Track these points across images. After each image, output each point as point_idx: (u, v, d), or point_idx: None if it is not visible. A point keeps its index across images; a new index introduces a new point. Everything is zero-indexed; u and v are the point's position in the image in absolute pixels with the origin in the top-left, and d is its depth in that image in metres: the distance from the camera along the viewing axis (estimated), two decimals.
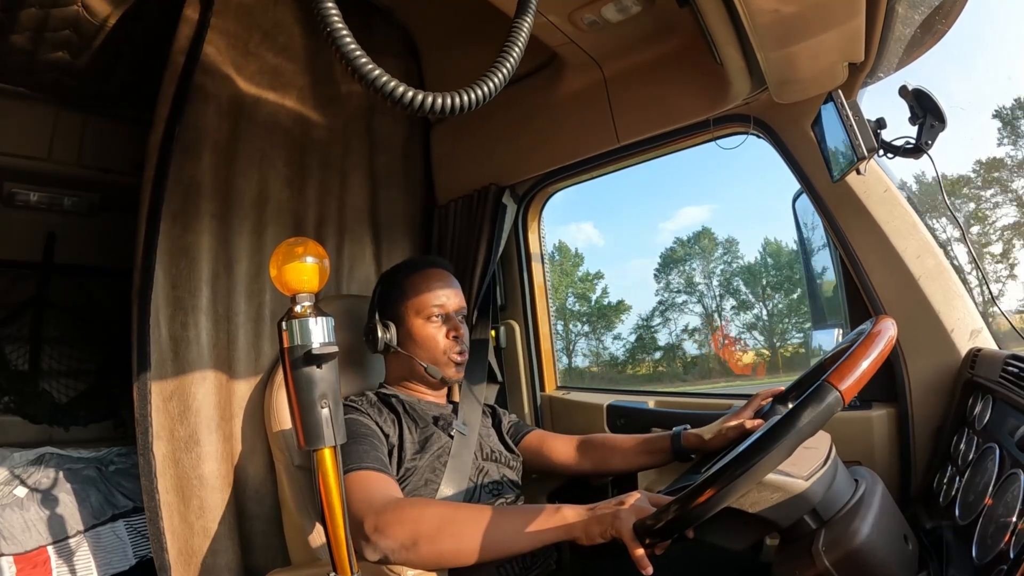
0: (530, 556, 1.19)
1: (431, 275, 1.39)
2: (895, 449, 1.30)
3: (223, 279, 1.48)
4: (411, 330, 1.35)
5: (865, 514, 0.82)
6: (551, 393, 1.97)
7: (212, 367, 1.41)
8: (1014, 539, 0.72)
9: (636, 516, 0.87)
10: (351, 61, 0.60)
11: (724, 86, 1.37)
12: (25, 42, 1.65)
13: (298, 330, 0.71)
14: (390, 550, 0.94)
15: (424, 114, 0.64)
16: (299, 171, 1.70)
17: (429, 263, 1.43)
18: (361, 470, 1.06)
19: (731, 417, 1.24)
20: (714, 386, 25.47)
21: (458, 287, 1.42)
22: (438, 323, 1.35)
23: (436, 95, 0.63)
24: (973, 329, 1.26)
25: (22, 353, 2.65)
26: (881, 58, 1.21)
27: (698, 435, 1.27)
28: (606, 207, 58.04)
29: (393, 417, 1.25)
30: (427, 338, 1.34)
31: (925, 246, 1.29)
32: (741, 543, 0.90)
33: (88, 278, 2.82)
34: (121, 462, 2.10)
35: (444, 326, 1.36)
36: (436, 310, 1.35)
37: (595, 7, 1.34)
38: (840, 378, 0.75)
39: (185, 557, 1.32)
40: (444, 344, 1.35)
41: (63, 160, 2.28)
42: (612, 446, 1.40)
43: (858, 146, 1.08)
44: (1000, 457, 0.90)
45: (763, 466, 0.74)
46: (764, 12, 1.00)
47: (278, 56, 1.62)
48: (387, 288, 1.41)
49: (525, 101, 1.78)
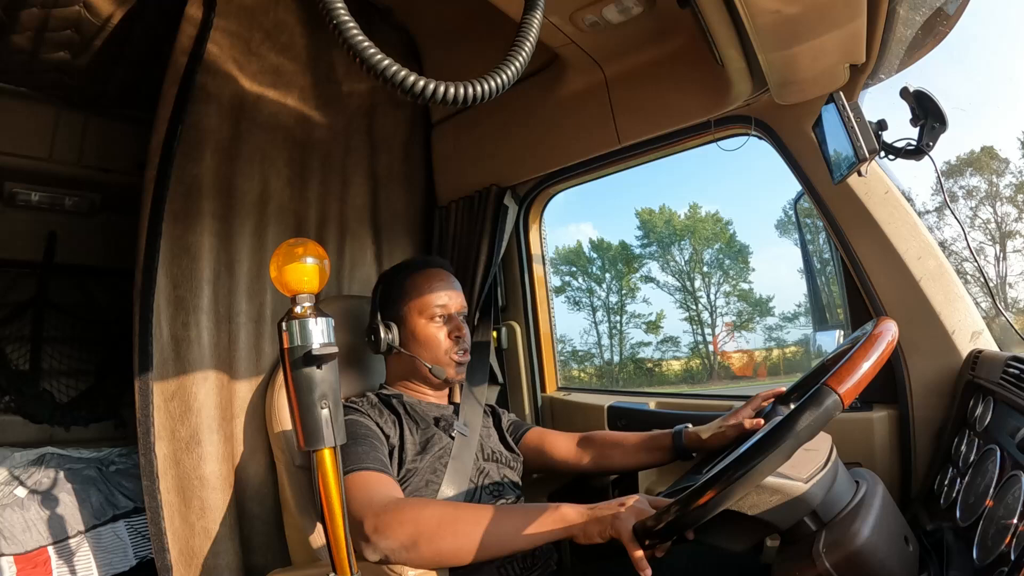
0: (530, 557, 1.19)
1: (433, 275, 1.39)
2: (896, 450, 1.30)
3: (224, 279, 1.48)
4: (414, 330, 1.35)
5: (866, 516, 0.82)
6: (552, 394, 1.97)
7: (213, 367, 1.41)
8: (1015, 541, 0.72)
9: (636, 518, 0.87)
10: (359, 52, 0.59)
11: (725, 87, 1.37)
12: (26, 42, 1.65)
13: (298, 331, 0.71)
14: (390, 550, 0.94)
15: (433, 104, 0.63)
16: (300, 171, 1.70)
17: (430, 263, 1.43)
18: (361, 471, 1.06)
19: (730, 416, 1.24)
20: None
21: (459, 288, 1.42)
22: (440, 323, 1.35)
23: (446, 84, 0.62)
24: (974, 331, 1.26)
25: (23, 353, 2.65)
26: (882, 59, 1.21)
27: (698, 433, 1.28)
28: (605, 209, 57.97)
29: (394, 418, 1.25)
30: (429, 338, 1.34)
31: (926, 248, 1.29)
32: (741, 545, 0.90)
33: (89, 278, 2.83)
34: (122, 462, 2.10)
35: (446, 326, 1.36)
36: (439, 310, 1.35)
37: (596, 8, 1.34)
38: (839, 381, 0.75)
39: (186, 557, 1.32)
40: (446, 344, 1.35)
41: (64, 160, 2.28)
42: (613, 442, 1.40)
43: (859, 148, 1.08)
44: (1001, 459, 0.89)
45: (761, 469, 0.74)
46: (765, 13, 1.00)
47: (279, 56, 1.62)
48: (388, 288, 1.41)
49: (526, 102, 1.78)
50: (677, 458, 1.31)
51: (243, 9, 1.51)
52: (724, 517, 0.79)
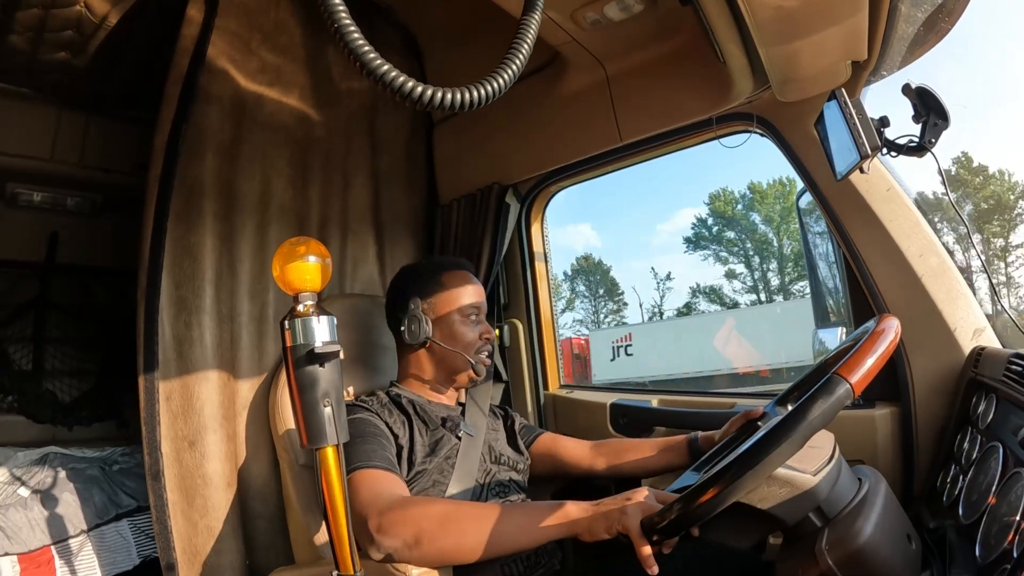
0: (534, 556, 1.19)
1: (467, 276, 1.39)
2: (898, 448, 1.30)
3: (226, 279, 1.48)
4: (450, 326, 1.34)
5: (868, 513, 0.82)
6: (554, 392, 1.97)
7: (216, 367, 1.41)
8: (1017, 538, 0.72)
9: (643, 513, 0.86)
10: (359, 56, 0.59)
11: (727, 84, 1.37)
12: (27, 43, 1.65)
13: (300, 329, 0.71)
14: (393, 549, 0.94)
15: (432, 110, 0.63)
16: (302, 171, 1.70)
17: (461, 264, 1.43)
18: (367, 468, 1.06)
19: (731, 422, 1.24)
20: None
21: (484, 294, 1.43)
22: (473, 322, 1.36)
23: (444, 90, 0.63)
24: (976, 328, 1.26)
25: (25, 353, 2.66)
26: (884, 56, 1.21)
27: (711, 437, 1.27)
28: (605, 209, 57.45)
29: (403, 419, 1.24)
30: (463, 335, 1.34)
31: (928, 245, 1.29)
32: (746, 542, 0.90)
33: (91, 278, 2.83)
34: (125, 461, 2.10)
35: (479, 327, 1.37)
36: (473, 311, 1.36)
37: (597, 6, 1.34)
38: (850, 371, 0.76)
39: (189, 556, 1.32)
40: (477, 344, 1.35)
41: (66, 160, 2.28)
42: (629, 446, 1.40)
43: (861, 144, 1.07)
44: (1004, 456, 0.89)
45: (774, 459, 0.74)
46: (766, 8, 0.99)
47: (280, 56, 1.62)
48: (423, 282, 1.38)
49: (528, 100, 1.78)
50: (693, 460, 1.30)
51: (244, 9, 1.51)
52: (730, 513, 0.79)
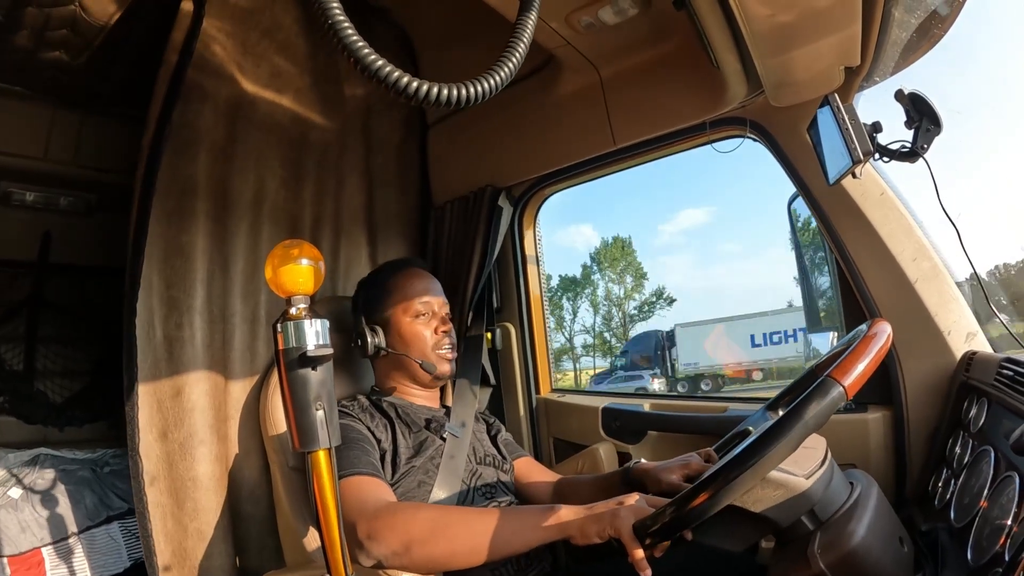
0: (524, 559, 1.19)
1: (414, 274, 1.40)
2: (890, 452, 1.31)
3: (218, 279, 1.48)
4: (399, 330, 1.36)
5: (861, 516, 0.82)
6: (546, 396, 1.96)
7: (207, 368, 1.41)
8: (1009, 541, 0.72)
9: (635, 516, 0.86)
10: (354, 52, 0.59)
11: (720, 89, 1.38)
12: (22, 41, 1.64)
13: (293, 332, 0.71)
14: (383, 556, 0.94)
15: (427, 106, 0.63)
16: (296, 171, 1.70)
17: (409, 263, 1.45)
18: (353, 475, 1.06)
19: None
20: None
21: (440, 287, 1.44)
22: (425, 320, 1.36)
23: (439, 86, 0.63)
24: (968, 332, 1.27)
25: (17, 353, 2.63)
26: (877, 62, 1.22)
27: (645, 468, 1.21)
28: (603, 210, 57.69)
29: (385, 422, 1.24)
30: (416, 335, 1.35)
31: (921, 249, 1.29)
32: (739, 544, 0.90)
33: (84, 278, 2.80)
34: (116, 463, 2.09)
35: (432, 322, 1.37)
36: (422, 307, 1.36)
37: (592, 9, 1.35)
38: (843, 373, 0.76)
39: (179, 559, 1.32)
40: (433, 340, 1.36)
41: (60, 159, 2.26)
42: (577, 484, 1.36)
43: (854, 149, 1.08)
44: (995, 460, 0.90)
45: (769, 461, 0.74)
46: (761, 18, 1.00)
47: (276, 56, 1.62)
48: (370, 291, 1.42)
49: (522, 103, 1.78)
50: (629, 490, 1.26)
51: (239, 9, 1.50)
52: (722, 516, 0.79)
